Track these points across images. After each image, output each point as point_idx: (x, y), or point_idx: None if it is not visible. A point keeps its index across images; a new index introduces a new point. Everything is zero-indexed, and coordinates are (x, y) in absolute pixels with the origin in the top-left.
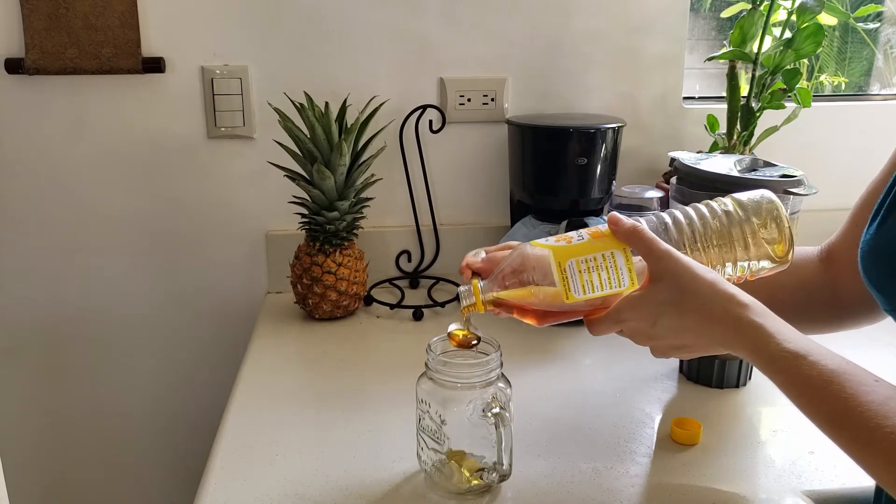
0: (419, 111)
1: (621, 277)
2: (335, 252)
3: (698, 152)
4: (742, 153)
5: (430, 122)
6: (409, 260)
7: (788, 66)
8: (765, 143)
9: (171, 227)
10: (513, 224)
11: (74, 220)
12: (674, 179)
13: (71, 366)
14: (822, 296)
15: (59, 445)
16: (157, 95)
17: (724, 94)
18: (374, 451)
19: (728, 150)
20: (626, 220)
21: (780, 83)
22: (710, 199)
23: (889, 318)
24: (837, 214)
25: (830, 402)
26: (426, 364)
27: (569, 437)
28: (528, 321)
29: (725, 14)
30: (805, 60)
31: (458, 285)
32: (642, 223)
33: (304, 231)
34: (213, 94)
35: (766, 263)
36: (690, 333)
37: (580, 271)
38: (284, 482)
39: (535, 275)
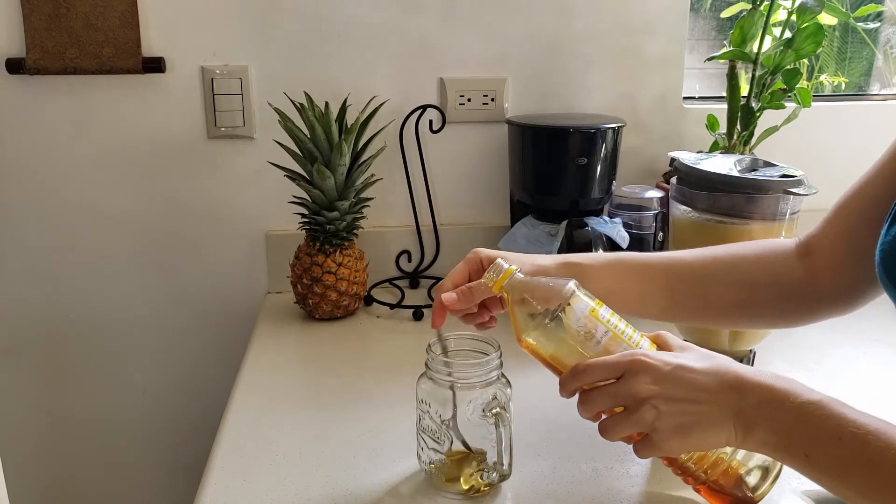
0: (419, 111)
1: (642, 341)
2: (335, 252)
3: (698, 152)
4: (742, 153)
5: (430, 122)
6: (409, 260)
7: (788, 66)
8: (765, 143)
9: (171, 227)
10: (513, 224)
11: (74, 219)
12: (674, 179)
13: (71, 366)
14: (797, 291)
15: (59, 445)
16: (158, 95)
17: (724, 94)
18: (374, 451)
19: (728, 150)
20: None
21: (780, 83)
22: (712, 200)
23: (888, 317)
24: None
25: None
26: (426, 364)
27: (569, 437)
28: (516, 332)
29: (725, 14)
30: (805, 60)
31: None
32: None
33: (304, 231)
34: (213, 94)
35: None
36: (708, 380)
37: (611, 314)
38: (284, 482)
39: (562, 302)
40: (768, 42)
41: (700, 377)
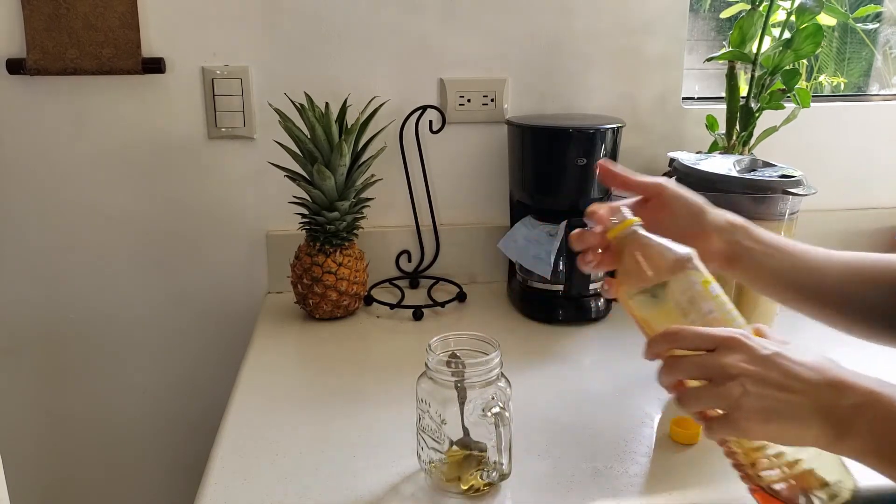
0: (419, 111)
1: (746, 326)
2: (335, 252)
3: (697, 152)
4: (741, 153)
5: (430, 122)
6: (409, 260)
7: (787, 67)
8: (764, 144)
9: (172, 227)
10: (512, 224)
11: (74, 220)
12: (673, 180)
13: (71, 366)
14: None
15: (59, 445)
16: (158, 96)
17: (724, 95)
18: (373, 450)
19: (727, 151)
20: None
21: (779, 83)
22: (711, 200)
23: None
24: (837, 214)
25: None
26: (426, 364)
27: (569, 437)
28: (616, 283)
29: (725, 14)
30: (804, 61)
31: (458, 286)
32: None
33: (304, 231)
34: (214, 95)
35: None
36: (806, 372)
37: (722, 292)
38: (284, 482)
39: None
40: (767, 42)
41: (798, 367)
